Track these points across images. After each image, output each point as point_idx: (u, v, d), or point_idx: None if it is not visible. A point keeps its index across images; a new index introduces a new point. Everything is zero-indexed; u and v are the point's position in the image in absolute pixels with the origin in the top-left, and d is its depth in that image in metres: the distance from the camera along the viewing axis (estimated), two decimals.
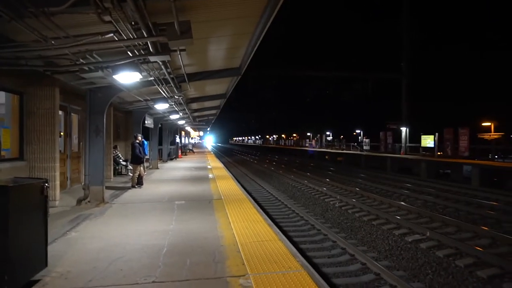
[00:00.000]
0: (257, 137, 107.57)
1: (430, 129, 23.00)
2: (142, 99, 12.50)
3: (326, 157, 36.95)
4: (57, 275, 3.88)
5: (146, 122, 16.44)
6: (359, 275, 5.99)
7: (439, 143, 21.40)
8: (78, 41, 5.02)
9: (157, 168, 17.99)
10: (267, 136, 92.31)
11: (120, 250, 4.78)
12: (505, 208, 10.69)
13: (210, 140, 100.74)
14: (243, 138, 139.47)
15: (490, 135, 20.76)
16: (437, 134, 21.48)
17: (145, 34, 4.95)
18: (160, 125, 21.06)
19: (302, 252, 6.85)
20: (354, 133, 49.52)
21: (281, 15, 6.37)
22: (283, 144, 69.32)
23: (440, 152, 21.42)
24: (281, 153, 51.62)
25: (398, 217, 9.47)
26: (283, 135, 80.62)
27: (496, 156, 19.02)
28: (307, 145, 51.24)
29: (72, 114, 10.40)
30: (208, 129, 56.77)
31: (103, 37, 5.12)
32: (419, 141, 23.12)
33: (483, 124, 26.10)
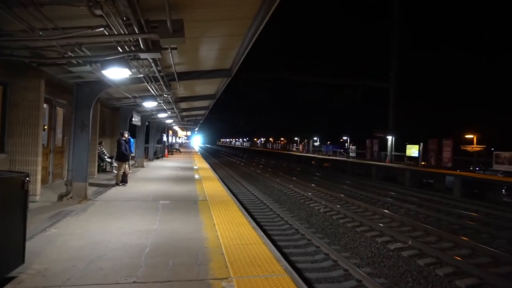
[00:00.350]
0: (244, 139, 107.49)
1: (416, 138, 23.40)
2: (130, 96, 12.34)
3: (313, 162, 37.16)
4: (34, 272, 3.77)
5: (133, 119, 16.24)
6: (341, 281, 6.02)
7: (424, 153, 21.76)
8: (67, 34, 4.92)
9: (143, 166, 17.77)
10: (255, 139, 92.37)
11: (101, 248, 4.68)
12: (484, 219, 10.92)
13: (197, 141, 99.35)
14: (231, 140, 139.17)
15: (472, 147, 21.25)
16: (421, 144, 21.84)
17: (136, 30, 4.88)
18: (147, 123, 20.84)
19: (285, 256, 6.84)
20: (341, 140, 49.96)
21: (274, 18, 6.37)
22: (270, 147, 69.45)
23: (424, 161, 21.79)
24: (268, 157, 51.69)
25: (381, 225, 9.56)
26: (270, 139, 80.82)
27: (477, 168, 19.45)
28: (294, 149, 51.45)
29: (58, 107, 10.18)
30: (196, 129, 56.31)
31: (93, 31, 5.03)
32: (405, 150, 23.46)
33: (466, 136, 26.69)
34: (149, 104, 13.08)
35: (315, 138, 50.57)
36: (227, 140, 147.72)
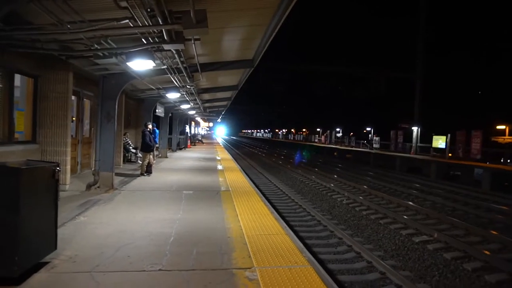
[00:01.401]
0: (266, 130, 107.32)
1: (442, 130, 22.68)
2: (154, 88, 12.53)
3: (335, 153, 36.76)
4: (65, 258, 3.92)
5: (157, 110, 16.51)
6: (365, 273, 5.96)
7: (451, 144, 21.10)
8: (94, 26, 5.02)
9: (166, 157, 18.08)
10: (277, 130, 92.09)
11: (127, 236, 4.81)
12: None
13: (221, 131, 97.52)
14: (252, 131, 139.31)
15: (504, 138, 20.37)
16: (449, 135, 21.18)
17: (160, 21, 4.93)
18: (170, 114, 21.13)
19: (308, 247, 6.83)
20: (365, 131, 49.07)
21: (296, 7, 6.26)
22: (292, 138, 69.11)
23: (451, 153, 21.14)
24: (290, 148, 51.49)
25: (406, 217, 9.38)
26: (292, 130, 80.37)
27: (508, 160, 18.69)
28: (316, 140, 51.01)
29: (85, 99, 10.47)
30: (218, 120, 56.79)
31: (119, 23, 5.10)
32: (430, 142, 22.82)
33: (497, 127, 25.63)
34: (172, 96, 13.23)
35: (337, 129, 49.90)
36: (249, 131, 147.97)
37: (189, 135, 29.60)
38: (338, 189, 13.80)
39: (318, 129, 56.63)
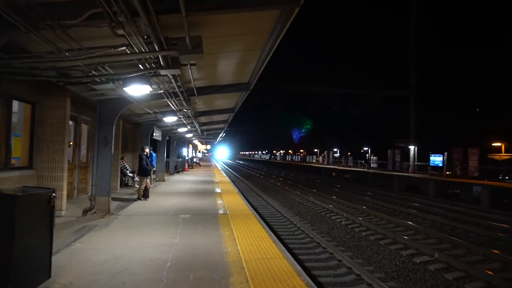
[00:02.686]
0: (263, 152, 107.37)
1: (439, 147, 22.80)
2: (151, 112, 12.62)
3: (333, 173, 36.70)
4: (59, 287, 3.85)
5: (154, 134, 16.55)
6: None
7: (448, 162, 21.16)
8: (91, 54, 5.12)
9: (164, 180, 18.00)
10: (274, 151, 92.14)
11: (123, 263, 4.74)
12: None
13: (221, 154, 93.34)
14: (250, 152, 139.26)
15: (500, 155, 20.47)
16: (446, 153, 21.27)
17: (156, 48, 5.03)
18: (168, 138, 21.18)
19: (307, 270, 6.73)
20: (362, 150, 49.22)
21: (291, 30, 6.42)
22: (290, 159, 69.11)
23: (448, 171, 21.16)
24: (287, 169, 51.42)
25: (406, 237, 9.29)
26: (290, 151, 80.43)
27: (506, 177, 18.70)
28: (313, 161, 51.00)
29: (82, 124, 10.52)
30: (216, 142, 57.01)
31: (116, 50, 5.20)
32: (428, 160, 22.87)
33: (493, 144, 25.80)
34: (170, 119, 13.30)
35: (335, 149, 50.00)
36: (246, 153, 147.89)
37: (186, 158, 29.54)
38: (337, 210, 13.71)
39: (315, 150, 56.72)
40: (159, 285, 3.96)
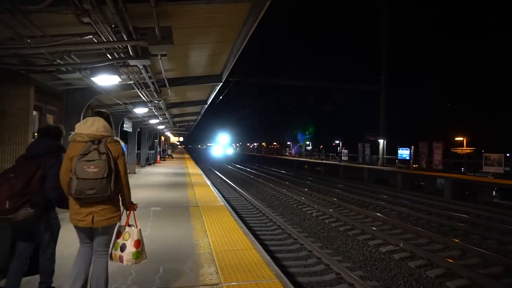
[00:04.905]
0: (237, 144, 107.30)
1: (408, 141, 23.60)
2: (121, 103, 12.30)
3: (306, 166, 37.25)
4: None
5: (124, 125, 16.17)
6: (334, 285, 6.04)
7: (415, 155, 21.97)
8: (56, 41, 4.92)
9: (135, 173, 17.67)
10: (248, 144, 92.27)
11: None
12: (474, 220, 11.04)
13: (220, 147, 79.36)
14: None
15: (462, 149, 21.48)
16: (413, 147, 22.06)
17: (125, 37, 4.89)
18: (139, 129, 20.75)
19: (278, 261, 6.86)
20: (334, 144, 50.18)
21: (263, 23, 6.42)
22: (263, 152, 69.47)
23: (415, 164, 21.98)
24: (261, 161, 51.68)
25: (374, 228, 9.62)
26: (263, 143, 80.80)
27: (467, 170, 19.65)
28: (287, 154, 51.52)
29: (48, 114, 10.09)
30: (190, 134, 56.02)
31: (82, 38, 5.03)
32: (396, 153, 23.64)
33: (457, 138, 27.01)
34: (140, 110, 13.04)
35: (307, 142, 50.71)
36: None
37: (158, 150, 29.09)
38: (308, 201, 13.97)
39: (288, 143, 57.25)
40: (127, 278, 3.92)
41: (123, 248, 3.07)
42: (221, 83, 11.62)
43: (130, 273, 4.08)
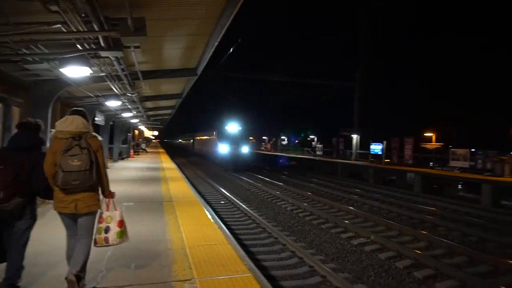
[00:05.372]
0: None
1: (381, 136, 24.17)
2: (92, 95, 11.94)
3: (281, 161, 37.53)
4: None
5: (96, 119, 15.73)
6: (307, 277, 6.14)
7: (387, 150, 22.59)
8: (21, 30, 4.71)
9: (107, 167, 17.21)
10: None
11: (61, 254, 4.49)
12: (441, 213, 11.50)
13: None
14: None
15: (431, 144, 22.28)
16: (385, 142, 22.67)
17: (96, 27, 4.75)
18: (112, 123, 20.25)
19: (252, 255, 6.91)
20: (308, 138, 50.77)
21: (241, 18, 6.39)
22: None
23: (387, 159, 22.61)
24: None
25: (346, 221, 9.84)
26: None
27: (436, 165, 20.41)
28: (262, 148, 51.68)
29: (13, 106, 9.66)
30: (165, 128, 54.98)
31: (50, 27, 4.84)
32: (369, 148, 24.22)
33: (426, 134, 27.95)
34: (113, 104, 12.71)
35: (282, 137, 51.06)
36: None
37: (132, 144, 28.50)
38: (283, 196, 14.11)
39: (264, 137, 57.42)
40: (97, 276, 3.84)
41: (107, 230, 3.55)
42: (197, 77, 11.50)
43: (101, 270, 4.00)
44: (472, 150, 17.46)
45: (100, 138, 3.52)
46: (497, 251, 7.68)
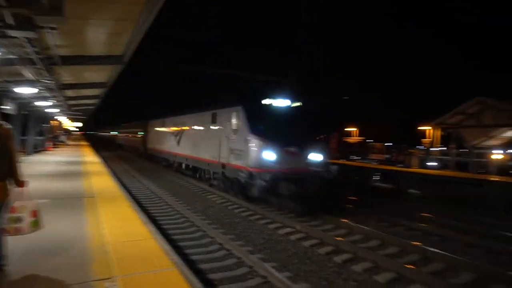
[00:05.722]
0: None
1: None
2: (0, 80, 10.68)
3: None
4: None
5: (4, 107, 14.08)
6: (234, 269, 6.22)
7: None
8: None
9: (19, 162, 15.57)
10: None
11: None
12: (360, 202, 12.44)
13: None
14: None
15: (352, 139, 23.96)
16: None
17: (2, 3, 4.23)
18: (27, 113, 18.34)
19: (179, 249, 6.80)
20: None
21: (175, 8, 6.18)
22: None
23: None
24: None
25: (273, 213, 10.14)
26: None
27: (359, 157, 22.04)
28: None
29: None
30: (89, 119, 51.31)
31: None
32: None
33: (347, 129, 29.98)
34: (26, 90, 11.48)
35: None
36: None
37: (49, 135, 26.14)
38: (212, 189, 14.07)
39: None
40: (3, 280, 3.47)
41: (20, 220, 3.54)
42: (124, 65, 10.89)
43: (10, 274, 3.62)
44: (390, 144, 19.17)
45: (9, 125, 3.50)
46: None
